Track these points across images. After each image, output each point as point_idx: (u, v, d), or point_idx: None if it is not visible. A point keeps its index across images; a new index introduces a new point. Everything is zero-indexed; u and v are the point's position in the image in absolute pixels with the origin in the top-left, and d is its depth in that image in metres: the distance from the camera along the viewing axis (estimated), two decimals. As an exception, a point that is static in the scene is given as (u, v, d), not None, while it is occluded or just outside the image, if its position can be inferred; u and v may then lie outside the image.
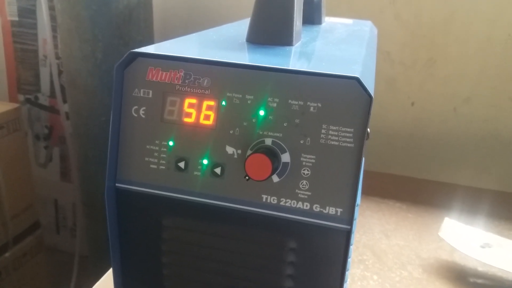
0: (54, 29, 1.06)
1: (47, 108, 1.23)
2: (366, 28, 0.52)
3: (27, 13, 1.17)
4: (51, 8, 1.04)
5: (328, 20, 0.55)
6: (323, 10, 0.51)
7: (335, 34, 0.45)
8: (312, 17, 0.50)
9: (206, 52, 0.31)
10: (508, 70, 0.78)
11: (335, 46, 0.38)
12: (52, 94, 1.21)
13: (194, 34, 0.37)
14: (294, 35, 0.35)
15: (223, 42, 0.35)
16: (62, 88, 1.13)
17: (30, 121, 1.25)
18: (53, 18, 1.04)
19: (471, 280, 0.52)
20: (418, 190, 0.73)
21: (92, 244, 1.05)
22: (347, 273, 0.29)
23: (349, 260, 0.29)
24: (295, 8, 0.34)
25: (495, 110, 0.81)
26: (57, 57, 1.12)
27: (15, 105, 0.95)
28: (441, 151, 0.85)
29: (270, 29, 0.34)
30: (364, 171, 0.74)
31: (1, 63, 1.24)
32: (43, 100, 1.23)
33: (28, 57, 1.21)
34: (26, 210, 0.99)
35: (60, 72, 1.13)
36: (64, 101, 1.13)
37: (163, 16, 0.99)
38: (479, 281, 0.52)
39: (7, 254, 0.93)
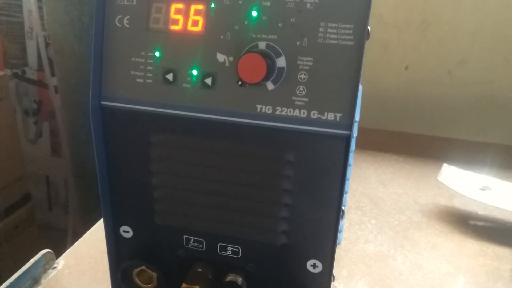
0: (40, -2, 1.03)
1: (35, 82, 1.20)
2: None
3: (11, -17, 1.14)
4: (35, -23, 1.00)
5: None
6: None
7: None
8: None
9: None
10: (502, 30, 0.76)
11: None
12: (40, 68, 1.18)
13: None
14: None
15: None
16: (50, 61, 1.10)
17: (18, 96, 1.23)
18: (37, -14, 1.01)
19: (472, 223, 0.51)
20: (414, 144, 0.72)
21: (85, 217, 1.04)
22: (347, 182, 0.28)
23: (349, 168, 0.28)
24: None
25: (489, 72, 0.79)
26: (44, 29, 1.09)
27: (0, 72, 0.92)
28: (436, 113, 0.84)
29: None
30: (359, 127, 0.73)
31: (-15, 37, 1.20)
32: (31, 74, 1.20)
33: (14, 30, 1.18)
34: (16, 182, 0.97)
35: (47, 45, 1.10)
36: (53, 75, 1.11)
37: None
38: (480, 223, 0.51)
39: (-1, 226, 0.91)
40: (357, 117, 0.31)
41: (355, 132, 0.32)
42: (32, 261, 0.37)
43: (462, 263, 0.44)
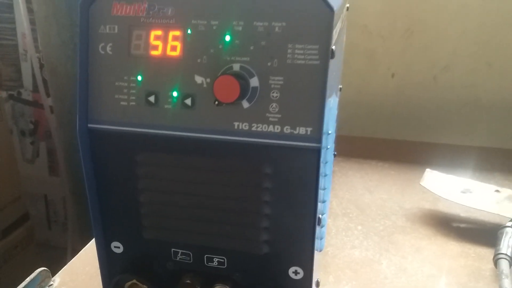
0: (32, 22, 1.05)
1: (31, 103, 1.22)
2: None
3: (5, 7, 1.16)
4: (28, 1, 1.03)
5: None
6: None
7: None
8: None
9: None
10: (484, 34, 0.78)
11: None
12: (35, 89, 1.20)
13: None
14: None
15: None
16: (45, 81, 1.12)
17: (15, 117, 1.24)
18: (30, 11, 1.03)
19: (454, 225, 0.52)
20: (400, 150, 0.73)
21: (84, 234, 1.05)
22: (321, 192, 0.30)
23: (327, 178, 0.30)
24: None
25: (474, 76, 0.81)
26: (37, 51, 1.11)
27: (-6, 95, 0.94)
28: (423, 118, 0.86)
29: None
30: (346, 136, 0.74)
31: (-19, 60, 1.23)
32: (26, 95, 1.22)
33: (8, 52, 1.20)
34: (14, 202, 0.98)
35: (41, 66, 1.12)
36: (48, 95, 1.13)
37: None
38: (462, 225, 0.52)
39: (-3, 247, 0.92)
40: (330, 129, 0.33)
41: (329, 143, 0.34)
42: (28, 279, 0.39)
43: (445, 264, 0.45)
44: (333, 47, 0.28)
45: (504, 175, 0.63)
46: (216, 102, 0.28)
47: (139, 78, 0.30)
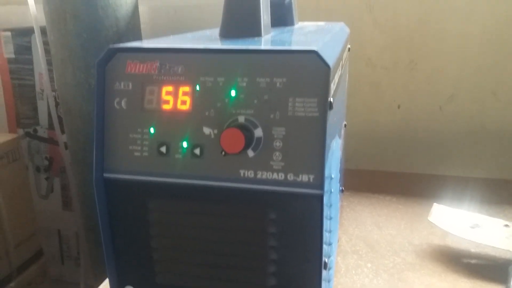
0: (49, 62, 1.10)
1: (46, 140, 1.26)
2: (337, 26, 0.54)
3: (23, 49, 1.21)
4: (45, 43, 1.08)
5: (301, 23, 0.58)
6: (295, 12, 0.53)
7: (305, 30, 0.48)
8: (284, 19, 0.53)
9: (179, 44, 0.33)
10: (487, 64, 0.80)
11: (302, 36, 0.41)
12: (50, 126, 1.24)
13: (171, 36, 0.40)
14: (262, 27, 0.37)
15: (197, 38, 0.38)
16: (60, 119, 1.15)
17: (30, 154, 1.28)
18: (47, 52, 1.08)
19: (465, 261, 0.52)
20: (408, 184, 0.74)
21: (97, 269, 1.06)
22: (327, 234, 0.31)
23: (332, 221, 0.31)
24: (261, 3, 0.37)
25: (479, 105, 0.83)
26: (53, 90, 1.16)
27: (14, 135, 0.98)
28: (430, 148, 0.86)
29: (239, 22, 0.37)
30: (353, 170, 0.75)
31: (0, 100, 1.27)
32: (42, 132, 1.26)
33: (26, 92, 1.25)
34: (29, 239, 1.00)
35: (56, 104, 1.16)
36: (62, 132, 1.16)
37: (152, 40, 1.02)
38: (472, 261, 0.53)
39: (12, 284, 0.94)
40: (333, 172, 0.34)
41: (334, 186, 0.35)
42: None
43: (455, 302, 0.45)
44: (331, 99, 0.30)
45: (512, 208, 0.64)
46: (223, 153, 0.30)
47: (152, 130, 0.32)
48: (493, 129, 0.83)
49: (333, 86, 0.32)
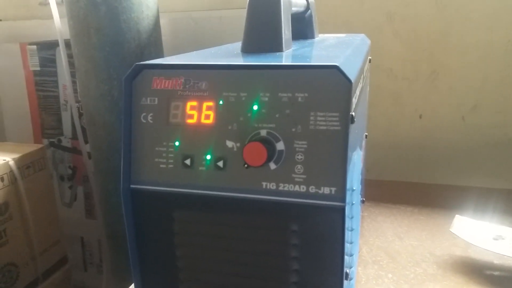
0: (72, 74, 1.13)
1: (70, 149, 1.29)
2: (358, 38, 0.55)
3: (48, 62, 1.25)
4: (69, 56, 1.11)
5: (322, 36, 0.58)
6: (315, 25, 0.54)
7: (325, 43, 0.49)
8: (305, 32, 0.53)
9: (203, 60, 0.34)
10: (511, 75, 0.79)
11: (323, 50, 0.41)
12: (74, 136, 1.27)
13: (194, 52, 0.41)
14: (283, 42, 0.38)
15: (220, 54, 0.39)
16: (83, 129, 1.18)
17: (55, 163, 1.31)
18: (71, 64, 1.11)
19: (487, 273, 0.52)
20: (429, 194, 0.74)
21: (118, 276, 1.07)
22: (349, 245, 0.31)
23: (353, 232, 0.31)
24: (282, 17, 0.38)
25: (503, 116, 0.82)
26: (77, 101, 1.19)
27: (39, 145, 1.01)
28: (453, 159, 0.86)
29: (261, 38, 0.38)
30: (375, 180, 0.75)
31: (26, 111, 1.31)
32: (66, 142, 1.29)
33: (50, 103, 1.28)
34: (54, 246, 1.03)
35: (80, 115, 1.19)
36: (86, 142, 1.19)
37: (173, 54, 1.04)
38: (496, 273, 0.52)
39: (37, 290, 0.96)
40: (355, 184, 0.35)
41: (355, 199, 0.35)
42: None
43: (477, 315, 0.45)
44: (353, 113, 0.30)
45: (537, 219, 0.63)
46: (246, 165, 0.30)
47: (177, 143, 0.33)
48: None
49: (354, 100, 0.32)
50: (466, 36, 0.79)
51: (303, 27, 0.53)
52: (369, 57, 0.62)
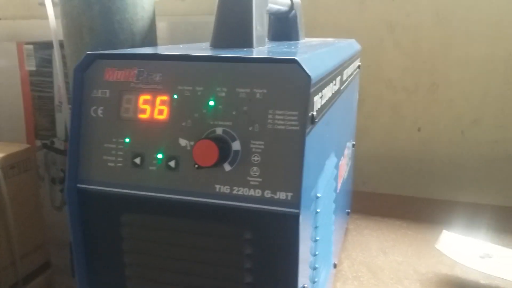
0: (66, 75, 1.12)
1: (62, 151, 1.27)
2: (345, 42, 0.53)
3: (45, 62, 1.24)
4: (64, 57, 1.10)
5: (308, 39, 0.56)
6: (300, 27, 0.52)
7: (305, 44, 0.46)
8: (288, 34, 0.51)
9: (158, 51, 0.32)
10: (511, 89, 0.76)
11: (295, 48, 0.39)
12: (67, 138, 1.25)
13: (164, 46, 0.39)
14: (254, 38, 0.36)
15: (186, 48, 0.37)
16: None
17: (47, 165, 1.29)
18: (65, 65, 1.10)
19: (473, 293, 0.49)
20: (422, 209, 0.70)
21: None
22: (312, 258, 0.29)
23: (314, 244, 0.28)
24: (254, 12, 0.35)
25: (503, 130, 0.79)
26: (70, 103, 1.17)
27: (26, 145, 0.98)
28: (451, 174, 0.83)
29: (231, 33, 0.36)
30: (365, 192, 0.72)
31: (19, 111, 1.30)
32: (59, 144, 1.27)
33: (45, 104, 1.27)
34: (36, 250, 1.00)
35: (73, 116, 1.18)
36: (78, 144, 1.17)
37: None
38: (482, 294, 0.49)
39: (16, 294, 0.93)
40: (320, 192, 0.32)
41: (322, 207, 0.33)
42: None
43: None
44: (314, 113, 0.28)
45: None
46: (196, 166, 0.28)
47: (127, 140, 0.31)
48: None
49: (319, 99, 0.30)
50: (467, 49, 0.76)
51: (286, 28, 0.51)
52: (358, 63, 0.60)
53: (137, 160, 0.30)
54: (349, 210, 0.62)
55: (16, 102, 1.29)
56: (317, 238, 0.32)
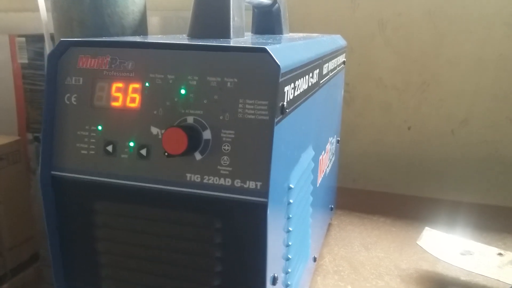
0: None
1: (54, 145, 1.27)
2: (328, 37, 0.52)
3: (37, 55, 1.23)
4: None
5: (292, 34, 0.56)
6: (284, 21, 0.52)
7: (286, 37, 0.46)
8: (271, 28, 0.51)
9: (131, 39, 0.32)
10: (502, 89, 0.77)
11: (273, 40, 0.39)
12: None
13: (142, 36, 0.39)
14: (231, 29, 0.36)
15: (163, 38, 0.37)
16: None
17: (38, 158, 1.29)
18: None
19: (452, 290, 0.49)
20: (407, 206, 0.71)
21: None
22: (284, 248, 0.29)
23: (290, 234, 0.28)
24: (232, 3, 0.35)
25: (493, 130, 0.79)
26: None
27: (15, 137, 0.98)
28: (440, 173, 0.83)
29: (208, 23, 0.36)
30: (351, 189, 0.72)
31: (11, 104, 1.29)
32: (50, 137, 1.27)
33: (37, 97, 1.26)
34: (25, 242, 1.00)
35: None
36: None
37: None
38: (461, 290, 0.49)
39: (5, 286, 0.93)
40: (293, 183, 0.32)
41: (296, 198, 0.33)
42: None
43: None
44: (284, 103, 0.28)
45: (513, 236, 0.60)
46: (166, 154, 0.28)
47: (100, 128, 0.31)
48: (508, 155, 0.79)
49: (291, 90, 0.30)
50: (458, 49, 0.76)
51: (270, 22, 0.51)
52: (343, 59, 0.60)
53: (109, 148, 0.30)
54: (332, 206, 0.62)
55: (8, 95, 1.28)
56: (290, 229, 0.32)
